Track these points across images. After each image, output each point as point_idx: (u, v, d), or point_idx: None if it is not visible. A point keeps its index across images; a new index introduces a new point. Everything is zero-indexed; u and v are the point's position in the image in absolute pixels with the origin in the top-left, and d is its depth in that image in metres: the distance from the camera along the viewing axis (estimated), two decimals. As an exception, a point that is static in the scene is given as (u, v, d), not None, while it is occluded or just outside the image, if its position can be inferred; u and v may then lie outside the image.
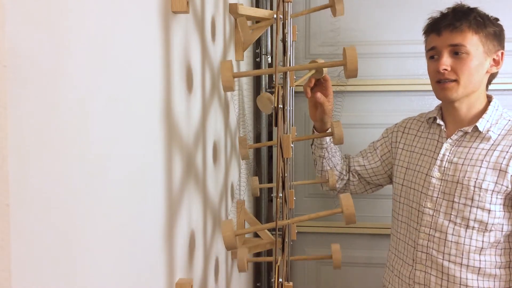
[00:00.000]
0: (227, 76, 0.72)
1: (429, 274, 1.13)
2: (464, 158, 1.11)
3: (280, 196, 0.73)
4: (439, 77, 1.12)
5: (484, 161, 1.08)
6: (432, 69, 1.15)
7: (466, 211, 1.07)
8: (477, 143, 1.11)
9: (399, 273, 1.22)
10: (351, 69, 0.73)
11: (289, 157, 0.74)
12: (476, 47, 1.09)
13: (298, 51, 1.75)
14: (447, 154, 1.14)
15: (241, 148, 1.06)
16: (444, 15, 1.15)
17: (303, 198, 1.80)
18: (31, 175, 0.36)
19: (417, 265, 1.15)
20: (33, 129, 0.36)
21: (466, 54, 1.09)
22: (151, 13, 0.62)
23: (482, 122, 1.11)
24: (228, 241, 0.73)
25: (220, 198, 1.04)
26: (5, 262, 0.33)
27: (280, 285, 0.73)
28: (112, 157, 0.51)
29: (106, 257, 0.50)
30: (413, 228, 1.17)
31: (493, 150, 1.08)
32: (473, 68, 1.09)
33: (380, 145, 1.34)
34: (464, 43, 1.09)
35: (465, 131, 1.13)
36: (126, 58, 0.54)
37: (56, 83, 0.40)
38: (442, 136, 1.17)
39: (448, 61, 1.10)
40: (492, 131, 1.10)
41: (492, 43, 1.11)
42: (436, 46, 1.13)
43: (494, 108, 1.13)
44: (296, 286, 1.82)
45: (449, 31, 1.10)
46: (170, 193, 0.69)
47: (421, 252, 1.15)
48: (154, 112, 0.63)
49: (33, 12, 0.36)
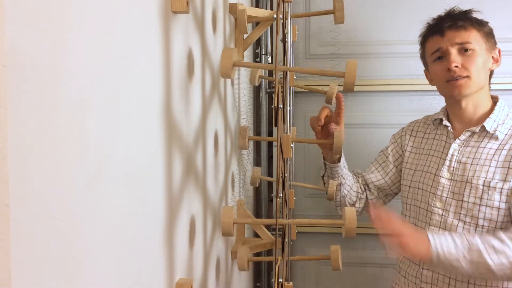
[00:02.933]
0: (226, 63, 0.72)
1: (436, 273, 1.13)
2: (473, 158, 1.12)
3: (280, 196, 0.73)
4: (451, 75, 1.12)
5: (493, 160, 1.09)
6: (440, 69, 1.15)
7: (475, 210, 1.08)
8: (485, 143, 1.12)
9: (405, 273, 1.22)
10: (348, 82, 0.73)
11: (289, 157, 0.74)
12: (480, 44, 1.11)
13: (298, 51, 1.75)
14: (456, 154, 1.15)
15: (240, 138, 1.06)
16: (442, 18, 1.16)
17: (303, 198, 1.80)
18: (31, 175, 0.36)
19: (424, 264, 1.16)
20: (33, 129, 0.36)
21: (473, 50, 1.11)
22: (151, 13, 0.62)
23: (489, 122, 1.12)
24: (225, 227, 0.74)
25: (220, 197, 1.04)
26: (5, 262, 0.33)
27: (280, 285, 0.73)
28: (112, 156, 0.51)
29: (106, 257, 0.50)
30: (421, 228, 1.18)
31: (501, 150, 1.09)
32: (480, 64, 1.11)
33: (391, 151, 1.34)
34: (470, 40, 1.11)
35: (473, 131, 1.14)
36: (126, 58, 0.54)
37: (56, 83, 0.40)
38: (450, 137, 1.18)
39: (458, 58, 1.11)
40: (499, 131, 1.11)
41: (491, 41, 1.14)
42: (441, 47, 1.13)
43: (500, 109, 1.15)
44: (296, 286, 1.82)
45: (454, 29, 1.12)
46: (170, 193, 0.69)
47: None
48: (154, 112, 0.63)
49: (33, 12, 0.36)
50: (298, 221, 0.81)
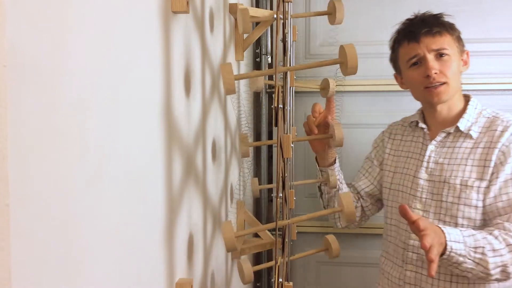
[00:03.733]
0: (229, 79, 0.72)
1: (419, 274, 1.16)
2: (449, 158, 1.14)
3: (280, 196, 0.73)
4: (429, 82, 1.13)
5: (468, 159, 1.11)
6: (417, 75, 1.16)
7: (454, 209, 1.10)
8: (460, 143, 1.15)
9: (388, 275, 1.25)
10: (352, 66, 0.74)
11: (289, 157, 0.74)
12: (453, 49, 1.14)
13: (298, 51, 1.75)
14: (433, 155, 1.17)
15: (242, 145, 1.06)
16: (414, 24, 1.17)
17: (303, 198, 1.80)
18: (31, 175, 0.36)
19: (407, 265, 1.18)
20: (33, 129, 0.36)
21: (448, 56, 1.12)
22: (151, 13, 0.62)
23: (462, 121, 1.14)
24: (229, 243, 0.74)
25: (220, 198, 1.04)
26: (5, 262, 0.33)
27: (280, 285, 0.73)
28: (112, 156, 0.51)
29: (106, 257, 0.50)
30: (403, 230, 1.20)
31: (476, 148, 1.12)
32: (456, 68, 1.13)
33: (375, 156, 1.36)
34: (445, 46, 1.12)
35: (448, 132, 1.17)
36: (126, 58, 0.54)
37: (56, 83, 0.40)
38: (426, 139, 1.21)
39: (435, 64, 1.12)
40: (473, 130, 1.14)
41: (461, 44, 1.17)
42: (418, 54, 1.15)
43: (473, 107, 1.17)
44: (296, 286, 1.82)
45: (430, 36, 1.13)
46: (170, 193, 0.69)
47: (411, 252, 1.18)
48: (154, 112, 0.63)
49: (33, 12, 0.36)
50: (297, 219, 0.80)
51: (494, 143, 1.10)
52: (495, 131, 1.11)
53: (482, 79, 1.71)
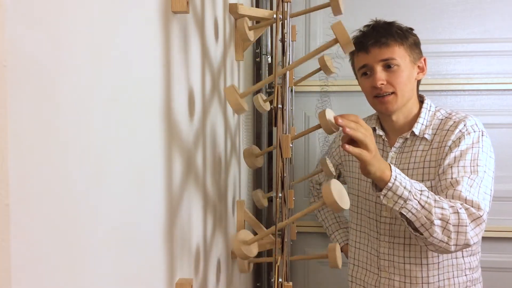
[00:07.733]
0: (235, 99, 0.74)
1: (392, 280, 1.18)
2: (409, 163, 1.16)
3: (280, 196, 0.73)
4: (377, 92, 1.15)
5: (425, 161, 1.14)
6: (367, 85, 1.17)
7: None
8: (417, 146, 1.17)
9: (364, 283, 1.26)
10: (345, 43, 0.76)
11: (289, 157, 0.74)
12: (403, 58, 1.14)
13: (298, 51, 1.75)
14: (393, 162, 1.19)
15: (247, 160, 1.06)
16: (365, 34, 1.18)
17: (302, 198, 1.80)
18: (31, 175, 0.36)
19: (382, 272, 1.20)
20: (33, 129, 0.36)
21: (397, 66, 1.13)
22: (151, 13, 0.62)
23: (417, 126, 1.16)
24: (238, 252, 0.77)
25: (220, 198, 1.04)
26: (5, 262, 0.33)
27: (280, 285, 0.73)
28: (112, 156, 0.51)
29: (106, 257, 0.50)
30: (374, 238, 1.22)
31: (431, 149, 1.14)
32: (405, 78, 1.13)
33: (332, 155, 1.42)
34: (393, 56, 1.13)
35: (405, 137, 1.18)
36: (126, 58, 0.54)
37: (56, 83, 0.40)
38: (386, 145, 1.23)
39: (383, 75, 1.13)
40: (427, 132, 1.16)
41: (415, 52, 1.17)
42: (367, 64, 1.16)
43: (426, 110, 1.18)
44: (296, 286, 1.82)
45: (377, 47, 1.14)
46: (170, 193, 0.70)
47: (383, 260, 1.19)
48: (154, 112, 0.63)
49: (33, 12, 0.36)
50: (294, 217, 0.80)
51: (444, 142, 1.11)
52: (446, 131, 1.13)
53: (482, 79, 1.71)
